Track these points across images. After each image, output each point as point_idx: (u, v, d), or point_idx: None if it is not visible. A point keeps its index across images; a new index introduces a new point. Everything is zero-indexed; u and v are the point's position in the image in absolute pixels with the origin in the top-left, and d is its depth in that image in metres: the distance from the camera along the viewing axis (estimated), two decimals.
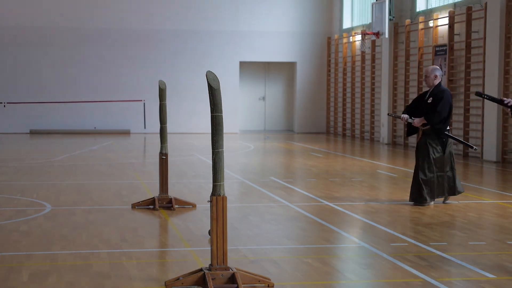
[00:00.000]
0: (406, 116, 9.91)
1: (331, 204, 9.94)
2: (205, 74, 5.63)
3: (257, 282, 5.72)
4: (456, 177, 9.95)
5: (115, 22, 25.99)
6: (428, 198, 9.74)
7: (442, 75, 9.95)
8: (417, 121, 9.84)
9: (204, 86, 26.30)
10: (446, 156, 9.83)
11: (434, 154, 9.77)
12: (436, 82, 9.78)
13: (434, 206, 9.77)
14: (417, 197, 9.76)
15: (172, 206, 9.42)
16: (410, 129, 10.10)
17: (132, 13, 26.05)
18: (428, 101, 9.78)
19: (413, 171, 9.98)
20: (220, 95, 5.61)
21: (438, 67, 10.02)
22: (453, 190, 9.93)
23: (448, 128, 9.86)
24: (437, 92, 9.76)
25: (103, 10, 25.94)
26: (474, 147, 10.01)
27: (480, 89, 17.16)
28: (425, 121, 9.76)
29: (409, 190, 10.12)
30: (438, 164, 9.78)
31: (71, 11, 25.77)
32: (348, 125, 25.21)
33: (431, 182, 9.75)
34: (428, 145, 9.77)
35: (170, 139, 10.65)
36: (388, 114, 11.90)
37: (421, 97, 10.05)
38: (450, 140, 9.90)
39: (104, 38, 25.98)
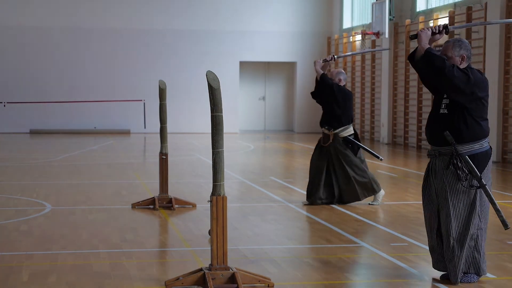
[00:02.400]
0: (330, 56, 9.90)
1: (331, 204, 9.93)
2: (205, 74, 5.63)
3: (257, 282, 5.72)
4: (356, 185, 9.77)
5: (115, 22, 26.00)
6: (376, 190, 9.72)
7: (346, 79, 10.00)
8: (318, 65, 9.75)
9: (204, 86, 26.27)
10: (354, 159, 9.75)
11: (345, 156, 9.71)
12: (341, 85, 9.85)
13: None
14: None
15: (172, 206, 9.42)
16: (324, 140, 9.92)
17: (132, 13, 26.05)
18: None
19: (413, 171, 9.97)
20: (220, 95, 5.62)
21: (342, 71, 9.99)
22: (342, 198, 9.80)
23: (353, 132, 9.80)
24: (337, 92, 9.78)
25: (103, 10, 25.94)
26: (380, 157, 9.85)
27: None
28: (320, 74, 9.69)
29: (409, 190, 10.12)
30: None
31: (71, 11, 25.77)
32: None
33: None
34: (337, 149, 9.73)
35: (170, 139, 10.63)
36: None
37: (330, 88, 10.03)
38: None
39: (104, 38, 25.98)
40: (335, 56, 9.93)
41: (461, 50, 5.73)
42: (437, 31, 5.78)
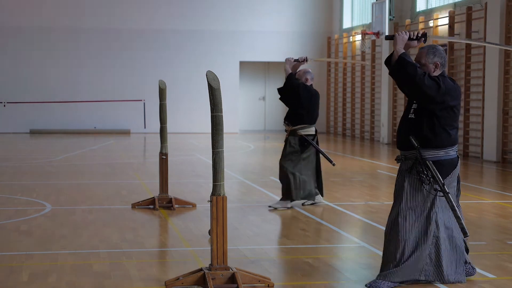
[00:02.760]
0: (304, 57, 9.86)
1: (331, 204, 9.94)
2: (205, 74, 5.63)
3: (257, 282, 5.72)
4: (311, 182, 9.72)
5: (115, 22, 26.00)
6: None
7: (313, 78, 9.95)
8: (289, 64, 9.74)
9: (204, 86, 26.29)
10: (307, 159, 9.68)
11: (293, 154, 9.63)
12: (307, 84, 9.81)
13: None
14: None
15: (172, 206, 9.42)
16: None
17: (132, 13, 26.05)
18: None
19: None
20: (220, 95, 5.62)
21: (309, 71, 9.92)
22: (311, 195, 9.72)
23: (314, 134, 9.74)
24: (305, 91, 9.73)
25: (103, 10, 25.94)
26: (333, 162, 9.74)
27: (480, 88, 17.17)
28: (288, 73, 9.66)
29: None
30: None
31: (71, 11, 25.77)
32: (348, 125, 25.22)
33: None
34: (288, 144, 9.68)
35: (170, 139, 10.64)
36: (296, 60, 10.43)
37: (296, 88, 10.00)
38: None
39: (104, 38, 25.98)
40: (308, 59, 9.89)
41: (434, 58, 5.68)
42: (414, 37, 5.72)
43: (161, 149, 9.68)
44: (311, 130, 9.77)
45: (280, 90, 9.90)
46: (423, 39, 5.74)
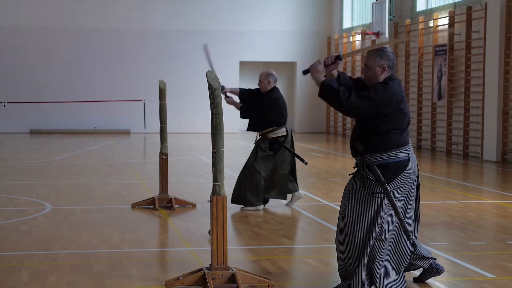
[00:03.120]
0: (223, 88, 9.78)
1: (331, 204, 9.94)
2: (205, 74, 5.63)
3: (257, 282, 5.72)
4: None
5: (115, 22, 26.00)
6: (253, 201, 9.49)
7: (276, 80, 9.90)
8: (228, 90, 9.78)
9: (204, 86, 26.26)
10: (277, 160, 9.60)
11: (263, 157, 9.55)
12: (269, 87, 9.74)
13: (432, 205, 9.76)
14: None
15: (172, 206, 9.43)
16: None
17: (132, 13, 26.05)
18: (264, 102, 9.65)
19: None
20: (220, 95, 5.62)
21: (272, 73, 9.84)
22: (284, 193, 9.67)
23: (285, 134, 9.64)
24: (268, 96, 9.69)
25: (103, 10, 25.95)
26: (305, 162, 9.67)
27: (480, 88, 17.17)
28: (238, 103, 9.69)
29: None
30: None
31: (71, 11, 25.77)
32: (348, 125, 25.22)
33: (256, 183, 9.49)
34: (259, 148, 9.58)
35: (170, 139, 10.64)
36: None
37: (256, 95, 9.93)
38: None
39: (104, 38, 25.98)
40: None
41: (381, 60, 5.63)
42: (329, 63, 5.70)
43: (161, 149, 9.68)
44: (282, 132, 9.68)
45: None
46: (338, 60, 5.72)
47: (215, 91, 5.57)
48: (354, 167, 5.75)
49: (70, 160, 15.95)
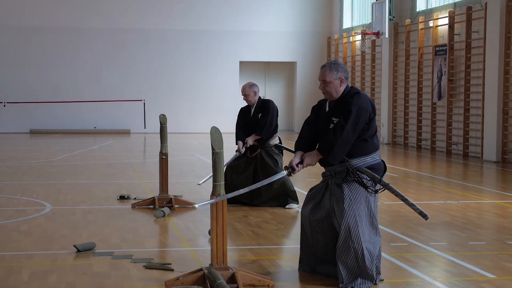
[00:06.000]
0: (240, 144, 9.80)
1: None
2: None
3: (257, 282, 5.72)
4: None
5: (115, 22, 26.01)
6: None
7: (259, 89, 9.91)
8: (250, 141, 9.79)
9: (204, 86, 26.32)
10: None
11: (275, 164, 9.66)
12: (257, 97, 9.78)
13: (432, 205, 9.76)
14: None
15: (172, 206, 9.43)
16: (252, 149, 9.84)
17: (132, 13, 26.06)
18: (259, 116, 9.69)
19: (413, 171, 9.96)
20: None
21: (253, 83, 9.84)
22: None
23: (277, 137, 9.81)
24: (262, 105, 9.73)
25: (103, 10, 25.96)
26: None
27: (480, 88, 17.18)
28: (257, 137, 9.68)
29: (409, 190, 10.10)
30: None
31: (71, 11, 25.78)
32: None
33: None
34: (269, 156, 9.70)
35: (170, 139, 10.64)
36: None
37: (245, 113, 9.90)
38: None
39: (104, 38, 25.99)
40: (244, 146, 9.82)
41: (338, 73, 5.80)
42: (299, 169, 5.97)
43: (161, 149, 9.68)
44: (276, 140, 9.88)
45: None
46: (301, 166, 5.96)
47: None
48: (323, 176, 5.94)
49: (70, 160, 15.95)
